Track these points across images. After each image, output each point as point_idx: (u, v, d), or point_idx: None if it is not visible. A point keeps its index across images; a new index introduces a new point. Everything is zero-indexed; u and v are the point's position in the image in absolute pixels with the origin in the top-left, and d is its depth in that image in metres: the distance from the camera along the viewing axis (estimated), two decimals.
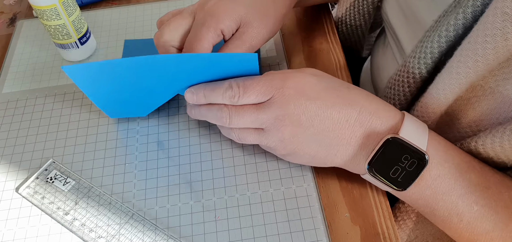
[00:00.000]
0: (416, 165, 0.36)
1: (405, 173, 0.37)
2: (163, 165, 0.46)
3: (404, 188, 0.37)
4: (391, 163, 0.37)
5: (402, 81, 0.43)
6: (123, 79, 0.42)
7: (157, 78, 0.42)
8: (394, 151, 0.37)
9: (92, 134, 0.49)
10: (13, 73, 0.56)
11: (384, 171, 0.37)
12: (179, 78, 0.43)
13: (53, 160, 0.47)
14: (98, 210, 0.43)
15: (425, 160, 0.36)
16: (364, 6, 0.55)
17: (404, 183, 0.37)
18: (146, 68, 0.41)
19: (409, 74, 0.42)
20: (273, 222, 0.42)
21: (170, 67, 0.41)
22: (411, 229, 0.47)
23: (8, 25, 0.63)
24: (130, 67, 0.41)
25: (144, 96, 0.46)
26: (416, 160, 0.36)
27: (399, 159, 0.37)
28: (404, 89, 0.43)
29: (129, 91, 0.44)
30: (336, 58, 0.55)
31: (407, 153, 0.37)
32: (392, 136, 0.37)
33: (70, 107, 0.52)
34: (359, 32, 0.59)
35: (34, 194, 0.44)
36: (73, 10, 0.52)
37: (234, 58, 0.39)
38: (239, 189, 0.44)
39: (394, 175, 0.37)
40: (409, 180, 0.37)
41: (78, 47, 0.55)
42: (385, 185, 0.38)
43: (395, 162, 0.37)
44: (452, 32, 0.37)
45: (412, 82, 0.42)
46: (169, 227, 0.42)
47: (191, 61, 0.40)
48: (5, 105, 0.52)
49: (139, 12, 0.62)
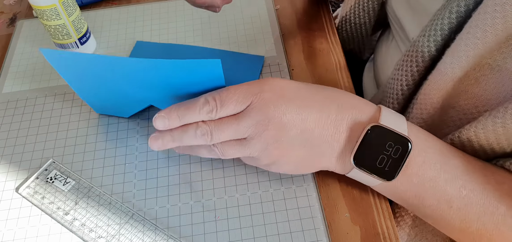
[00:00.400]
0: (401, 151, 0.37)
1: (391, 161, 0.37)
2: (163, 165, 0.46)
3: (392, 176, 0.37)
4: (376, 152, 0.37)
5: (411, 61, 0.43)
6: (98, 76, 0.43)
7: (127, 80, 0.43)
8: (377, 139, 0.37)
9: (92, 134, 0.49)
10: (13, 73, 0.56)
11: (370, 162, 0.37)
12: (147, 83, 0.43)
13: (53, 160, 0.47)
14: (98, 210, 0.43)
15: (408, 144, 0.36)
16: (369, 3, 0.55)
17: (392, 171, 0.37)
18: (115, 69, 0.41)
19: (418, 53, 0.42)
20: (273, 222, 0.42)
21: (137, 71, 0.41)
22: (410, 227, 0.47)
23: (8, 25, 0.63)
24: (101, 64, 0.41)
25: (120, 97, 0.46)
26: (400, 146, 0.37)
27: (383, 147, 0.37)
28: (412, 69, 0.43)
29: (105, 88, 0.45)
30: (336, 58, 0.55)
31: (391, 140, 0.37)
32: (374, 124, 0.37)
33: (70, 108, 0.52)
34: (363, 30, 0.59)
35: (34, 194, 0.44)
36: (73, 10, 0.52)
37: (198, 64, 0.38)
38: (239, 189, 0.44)
39: (381, 165, 0.37)
40: (396, 167, 0.37)
41: (78, 47, 0.55)
42: (373, 178, 0.38)
43: (380, 150, 0.37)
44: (463, 7, 0.37)
45: (420, 62, 0.42)
46: (169, 227, 0.42)
47: (157, 67, 0.40)
48: (5, 105, 0.52)
49: (139, 12, 0.62)
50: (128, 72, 0.41)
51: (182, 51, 0.56)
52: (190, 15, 0.61)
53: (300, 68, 0.54)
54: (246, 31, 0.58)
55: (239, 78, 0.51)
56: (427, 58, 0.42)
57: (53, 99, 0.53)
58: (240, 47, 0.57)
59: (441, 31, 0.40)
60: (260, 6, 0.62)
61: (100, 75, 0.43)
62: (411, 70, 0.44)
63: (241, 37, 0.58)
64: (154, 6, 0.63)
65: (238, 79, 0.51)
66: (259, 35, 0.58)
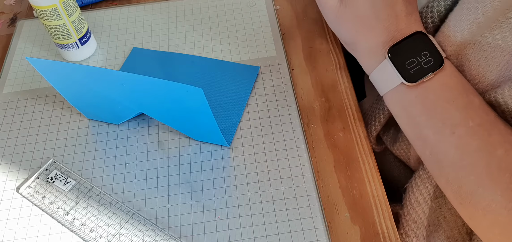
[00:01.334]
0: (432, 64, 0.38)
1: (419, 68, 0.38)
2: (163, 164, 0.46)
3: (415, 80, 0.38)
4: (409, 54, 0.39)
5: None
6: (85, 84, 0.44)
7: (114, 90, 0.43)
8: (417, 44, 0.39)
9: (93, 134, 0.49)
10: (14, 74, 0.56)
11: (401, 59, 0.39)
12: (135, 95, 0.43)
13: (54, 160, 0.47)
14: (98, 209, 0.43)
15: (442, 62, 0.38)
16: None
17: (415, 76, 0.38)
18: (102, 79, 0.42)
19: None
20: (273, 222, 0.42)
21: (124, 83, 0.41)
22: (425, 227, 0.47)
23: (8, 25, 0.63)
24: (87, 75, 0.42)
25: (108, 105, 0.47)
26: (433, 59, 0.38)
27: (419, 53, 0.39)
28: None
29: (92, 96, 0.45)
30: (336, 58, 0.55)
31: (428, 50, 0.38)
32: (422, 30, 0.39)
33: (71, 108, 0.52)
34: None
35: (35, 194, 0.44)
36: (73, 10, 0.52)
37: (180, 88, 0.38)
38: (239, 189, 0.44)
39: (409, 67, 0.39)
40: (421, 74, 0.38)
41: (78, 48, 0.55)
42: (396, 75, 0.39)
43: (414, 54, 0.39)
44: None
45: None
46: (169, 226, 0.42)
47: (142, 83, 0.40)
48: (5, 106, 0.53)
49: (139, 12, 0.63)
50: (115, 83, 0.42)
51: (177, 60, 0.55)
52: (191, 15, 0.61)
53: (300, 68, 0.54)
54: (246, 31, 0.58)
55: (232, 89, 0.51)
56: (431, 29, 0.43)
57: (54, 99, 0.53)
58: (240, 47, 0.57)
59: (444, 2, 0.41)
60: (260, 6, 0.62)
61: (87, 84, 0.44)
62: None
63: (241, 37, 0.58)
64: (155, 6, 0.63)
65: (231, 90, 0.51)
66: (259, 35, 0.58)
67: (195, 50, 0.57)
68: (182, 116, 0.44)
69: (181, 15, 0.62)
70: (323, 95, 0.51)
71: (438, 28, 0.42)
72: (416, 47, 0.39)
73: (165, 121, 0.47)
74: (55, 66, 0.43)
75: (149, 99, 0.44)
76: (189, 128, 0.47)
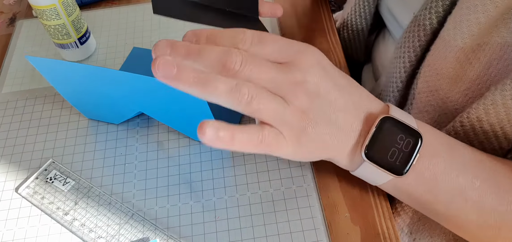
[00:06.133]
0: (412, 144, 0.36)
1: (402, 154, 0.36)
2: (163, 165, 0.46)
3: (404, 170, 0.36)
4: (387, 146, 0.36)
5: (413, 37, 0.43)
6: (84, 83, 0.44)
7: (113, 89, 0.43)
8: (388, 132, 0.36)
9: (92, 134, 0.49)
10: (13, 73, 0.56)
11: (381, 156, 0.36)
12: (134, 94, 0.43)
13: (53, 160, 0.47)
14: (97, 210, 0.43)
15: (420, 137, 0.36)
16: (365, 7, 0.55)
17: (403, 165, 0.36)
18: (101, 78, 0.42)
19: (420, 27, 0.42)
20: (273, 222, 0.42)
21: (123, 82, 0.41)
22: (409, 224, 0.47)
23: (7, 25, 0.63)
24: (86, 74, 0.42)
25: (108, 104, 0.46)
26: (411, 139, 0.36)
27: (395, 140, 0.36)
28: (415, 44, 0.43)
29: (92, 95, 0.45)
30: (336, 58, 0.55)
31: (402, 132, 0.36)
32: (386, 115, 0.36)
33: (70, 108, 0.52)
34: (361, 35, 0.59)
35: (34, 194, 0.44)
36: (72, 10, 0.52)
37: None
38: (239, 189, 0.44)
39: (392, 159, 0.36)
40: (407, 160, 0.36)
41: (77, 47, 0.55)
42: (384, 173, 0.36)
43: (391, 144, 0.36)
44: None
45: (422, 35, 0.42)
46: (169, 227, 0.42)
47: (142, 82, 0.40)
48: (4, 105, 0.52)
49: (139, 12, 0.62)
50: (114, 82, 0.42)
51: None
52: None
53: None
54: None
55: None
56: (429, 31, 0.41)
57: (53, 99, 0.53)
58: None
59: (442, 2, 0.40)
60: None
61: (86, 83, 0.44)
62: (413, 45, 0.43)
63: None
64: None
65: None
66: None
67: None
68: (181, 116, 0.44)
69: None
70: None
71: (436, 31, 0.41)
72: (390, 135, 0.36)
73: (165, 120, 0.47)
74: (55, 65, 0.43)
75: (149, 99, 0.44)
76: (189, 128, 0.46)
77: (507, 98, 0.35)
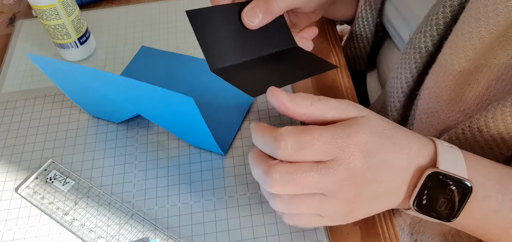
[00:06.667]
0: (462, 195, 0.35)
1: (452, 204, 0.36)
2: (163, 165, 0.46)
3: (453, 217, 0.36)
4: (435, 197, 0.36)
5: (409, 58, 0.43)
6: (84, 83, 0.44)
7: (112, 91, 0.43)
8: (436, 185, 0.35)
9: (92, 134, 0.49)
10: (13, 73, 0.56)
11: (429, 205, 0.36)
12: (132, 98, 0.43)
13: (53, 160, 0.47)
14: (97, 210, 0.43)
15: (469, 188, 0.35)
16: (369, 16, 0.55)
17: (452, 213, 0.36)
18: (100, 80, 0.42)
19: (416, 49, 0.42)
20: (273, 222, 0.42)
21: (121, 86, 0.41)
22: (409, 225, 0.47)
23: (7, 25, 0.63)
24: (85, 75, 0.42)
25: (107, 104, 0.46)
26: (460, 189, 0.35)
27: (444, 191, 0.35)
28: (411, 66, 0.43)
29: (92, 94, 0.45)
30: (336, 58, 0.55)
31: (450, 185, 0.35)
32: (432, 170, 0.35)
33: (70, 107, 0.52)
34: (363, 52, 0.59)
35: (34, 194, 0.44)
36: (72, 9, 0.52)
37: (172, 96, 0.38)
38: (239, 189, 0.44)
39: (441, 208, 0.36)
40: (458, 208, 0.36)
41: (77, 47, 0.55)
42: (433, 219, 0.37)
43: (440, 195, 0.35)
44: (456, 1, 0.38)
45: (418, 58, 0.43)
46: (169, 227, 0.42)
47: (138, 87, 0.40)
48: (4, 105, 0.52)
49: (138, 12, 0.62)
50: (112, 85, 0.42)
51: (184, 62, 0.55)
52: None
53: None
54: None
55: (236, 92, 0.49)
56: (424, 54, 0.42)
57: (53, 99, 0.53)
58: None
59: (436, 26, 0.40)
60: None
61: (86, 83, 0.44)
62: (409, 67, 0.44)
63: None
64: (154, 6, 0.63)
65: (235, 93, 0.49)
66: None
67: (194, 51, 0.57)
68: (176, 122, 0.44)
69: (181, 15, 0.61)
70: (324, 95, 0.51)
71: (432, 54, 0.42)
72: (439, 188, 0.35)
73: (162, 125, 0.47)
74: (55, 65, 0.43)
75: (146, 104, 0.44)
76: (185, 134, 0.46)
77: (506, 115, 0.35)
